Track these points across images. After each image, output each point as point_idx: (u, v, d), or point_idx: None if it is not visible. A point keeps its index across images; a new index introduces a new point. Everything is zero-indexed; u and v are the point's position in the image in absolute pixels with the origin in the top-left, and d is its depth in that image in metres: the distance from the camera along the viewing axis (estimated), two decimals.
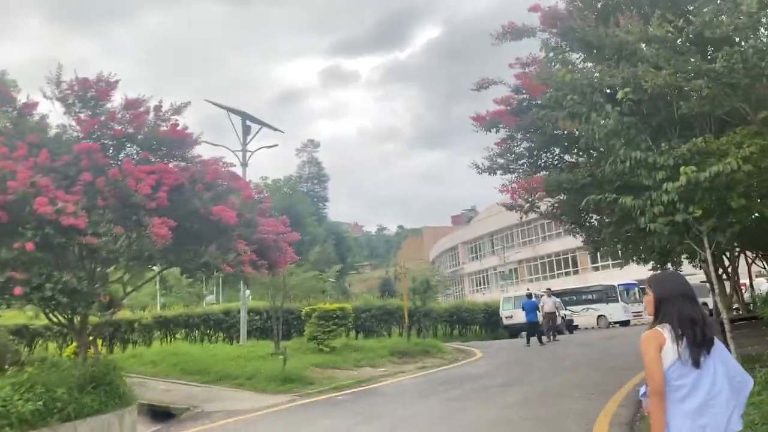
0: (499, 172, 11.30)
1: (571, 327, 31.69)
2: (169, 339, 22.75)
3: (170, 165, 10.48)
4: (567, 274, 57.04)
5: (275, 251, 11.51)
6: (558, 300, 22.79)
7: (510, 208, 12.91)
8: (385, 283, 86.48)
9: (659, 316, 2.90)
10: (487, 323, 31.05)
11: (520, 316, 29.27)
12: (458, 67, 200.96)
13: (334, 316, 17.50)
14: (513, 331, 30.26)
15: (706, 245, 6.66)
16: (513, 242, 63.85)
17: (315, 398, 12.44)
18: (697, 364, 2.79)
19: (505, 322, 30.10)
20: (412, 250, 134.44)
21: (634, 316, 38.33)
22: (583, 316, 35.74)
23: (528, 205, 11.14)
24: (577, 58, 7.23)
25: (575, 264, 57.42)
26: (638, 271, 45.77)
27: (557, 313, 22.94)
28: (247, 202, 11.29)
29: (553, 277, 57.99)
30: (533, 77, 8.51)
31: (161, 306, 32.83)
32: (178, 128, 10.56)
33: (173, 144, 10.75)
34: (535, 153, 9.82)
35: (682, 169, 6.17)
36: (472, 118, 10.79)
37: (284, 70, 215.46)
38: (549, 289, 22.59)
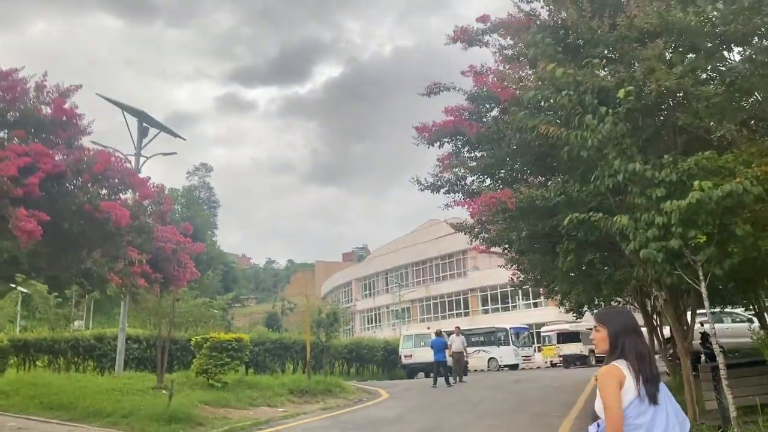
0: (443, 190, 10.24)
1: (465, 369, 31.15)
2: (28, 366, 19.62)
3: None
4: (458, 315, 57.22)
5: (173, 264, 9.73)
6: (464, 339, 22.00)
7: (460, 229, 11.84)
8: (271, 318, 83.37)
9: (615, 352, 2.81)
10: (385, 362, 29.77)
11: (420, 356, 28.44)
12: (358, 106, 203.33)
13: (229, 347, 15.54)
14: (411, 371, 29.22)
15: (701, 277, 5.87)
16: (407, 281, 63.57)
17: None
18: (654, 400, 2.73)
19: (404, 361, 28.97)
20: (302, 285, 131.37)
21: (524, 360, 38.83)
22: (474, 357, 35.44)
23: (479, 227, 10.16)
24: (560, 58, 6.39)
25: (466, 306, 57.86)
26: (529, 316, 46.44)
27: (465, 353, 22.08)
28: (142, 205, 9.42)
29: (444, 317, 58.03)
30: (506, 77, 7.57)
31: (21, 329, 28.84)
32: (65, 107, 8.64)
33: (56, 127, 8.80)
34: (491, 168, 8.84)
35: (696, 183, 5.33)
36: (416, 129, 9.69)
37: (179, 93, 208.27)
38: (458, 327, 21.80)
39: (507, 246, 10.61)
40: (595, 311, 4.15)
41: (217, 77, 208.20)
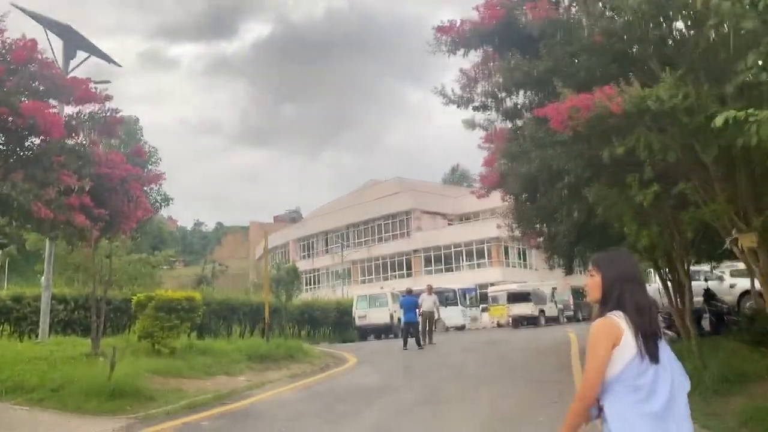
0: (473, 105, 8.38)
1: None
2: None
3: None
4: (400, 276, 56.10)
5: (123, 198, 7.44)
6: (437, 298, 20.44)
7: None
8: (200, 281, 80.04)
9: (609, 303, 2.46)
10: (337, 324, 28.02)
11: (374, 317, 26.91)
12: (289, 67, 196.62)
13: (179, 307, 13.30)
14: (365, 333, 27.68)
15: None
16: (348, 242, 61.81)
17: (162, 424, 8.50)
18: (656, 359, 2.37)
19: (358, 322, 27.34)
20: (233, 247, 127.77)
21: (472, 320, 38.10)
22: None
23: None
24: None
25: (409, 266, 56.80)
26: (473, 277, 45.69)
27: (436, 313, 20.57)
28: (81, 117, 7.06)
29: (386, 278, 56.89)
30: None
31: None
32: None
33: None
34: (552, 73, 6.94)
35: None
36: (437, 30, 7.71)
37: (101, 46, 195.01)
38: (430, 286, 20.17)
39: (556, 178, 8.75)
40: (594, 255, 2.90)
41: (141, 31, 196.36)
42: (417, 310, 18.24)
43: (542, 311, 35.81)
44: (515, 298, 36.02)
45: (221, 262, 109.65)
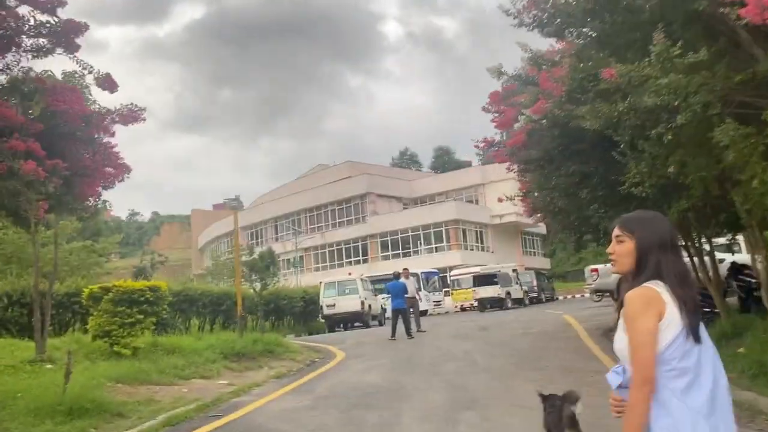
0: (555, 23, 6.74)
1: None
2: None
3: None
4: (356, 262, 54.36)
5: (85, 147, 5.48)
6: (416, 281, 18.79)
7: None
8: (138, 273, 76.13)
9: (645, 272, 2.08)
10: (303, 313, 26.08)
11: (344, 305, 25.16)
12: (223, 50, 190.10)
13: (141, 299, 11.20)
14: (333, 323, 25.87)
15: None
16: (300, 228, 59.49)
17: None
18: (698, 337, 2.02)
19: (326, 311, 25.46)
20: (172, 238, 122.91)
21: (435, 305, 36.92)
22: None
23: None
24: None
25: (365, 252, 55.11)
26: (432, 261, 44.53)
27: (418, 297, 18.96)
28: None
29: (341, 265, 55.09)
30: None
31: None
32: None
33: None
34: None
35: None
36: None
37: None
38: (406, 269, 18.50)
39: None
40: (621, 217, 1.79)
41: (65, 13, 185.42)
42: (405, 295, 16.59)
43: (508, 293, 34.94)
44: (481, 281, 35.04)
45: (160, 252, 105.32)
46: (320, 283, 27.14)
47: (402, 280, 17.15)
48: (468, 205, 53.72)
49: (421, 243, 51.83)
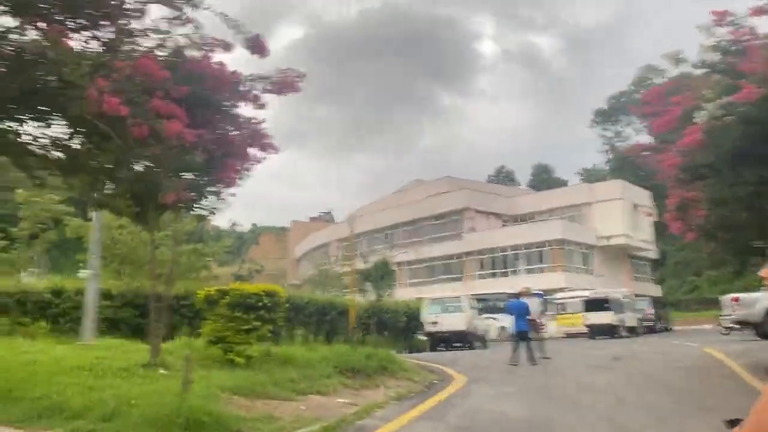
0: None
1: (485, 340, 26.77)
2: None
3: None
4: (450, 280, 52.86)
5: (229, 121, 4.71)
6: (541, 302, 17.28)
7: None
8: (237, 280, 77.79)
9: None
10: (405, 329, 24.97)
11: (447, 323, 23.86)
12: (321, 69, 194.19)
13: (259, 305, 10.46)
14: (435, 341, 24.60)
15: None
16: (395, 242, 58.71)
17: None
18: None
19: (428, 329, 24.26)
20: (269, 248, 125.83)
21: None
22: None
23: None
24: None
25: (460, 270, 53.50)
26: (532, 282, 42.40)
27: (540, 321, 17.40)
28: None
29: (435, 282, 53.71)
30: None
31: None
32: None
33: None
34: None
35: None
36: None
37: None
38: (527, 288, 17.01)
39: None
40: None
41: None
42: (528, 317, 15.11)
43: (621, 321, 32.38)
44: (592, 305, 32.68)
45: (257, 261, 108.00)
46: (423, 298, 25.96)
47: (524, 299, 15.67)
48: (573, 224, 50.97)
49: (520, 263, 49.63)
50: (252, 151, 6.47)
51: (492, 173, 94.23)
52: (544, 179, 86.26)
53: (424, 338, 25.05)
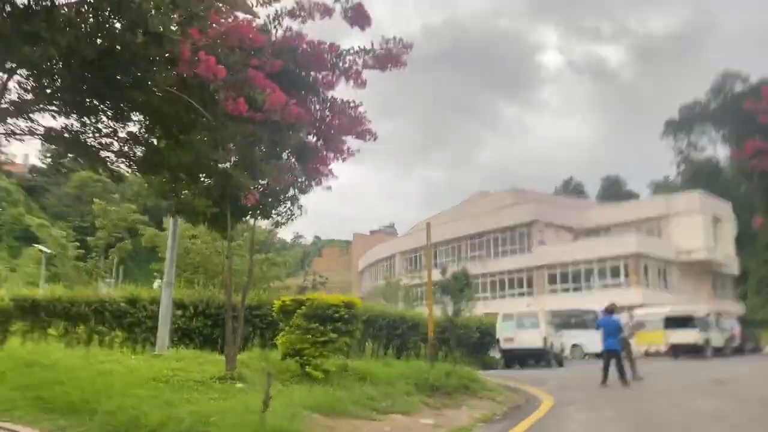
0: None
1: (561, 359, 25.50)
2: (36, 336, 14.46)
3: None
4: (521, 294, 51.37)
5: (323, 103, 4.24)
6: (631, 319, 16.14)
7: None
8: (301, 292, 78.29)
9: None
10: (478, 345, 24.03)
11: (524, 340, 22.85)
12: (384, 83, 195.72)
13: (336, 316, 9.95)
14: (510, 358, 23.60)
15: None
16: (460, 255, 57.65)
17: None
18: None
19: (503, 345, 23.30)
20: (332, 260, 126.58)
21: None
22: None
23: None
24: None
25: (530, 284, 51.92)
26: (607, 298, 40.46)
27: (630, 339, 16.25)
28: None
29: (503, 296, 52.33)
30: None
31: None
32: None
33: None
34: None
35: None
36: None
37: None
38: (614, 304, 15.91)
39: None
40: None
41: None
42: (620, 335, 14.05)
43: (707, 340, 30.35)
44: (675, 323, 30.79)
45: (321, 273, 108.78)
46: (496, 313, 24.98)
47: (615, 316, 14.60)
48: (650, 238, 48.65)
49: (594, 278, 47.69)
50: (348, 139, 5.94)
51: (559, 185, 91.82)
52: (614, 192, 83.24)
53: (498, 355, 24.07)
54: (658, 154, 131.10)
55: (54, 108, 5.35)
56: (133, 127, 5.76)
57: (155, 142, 5.92)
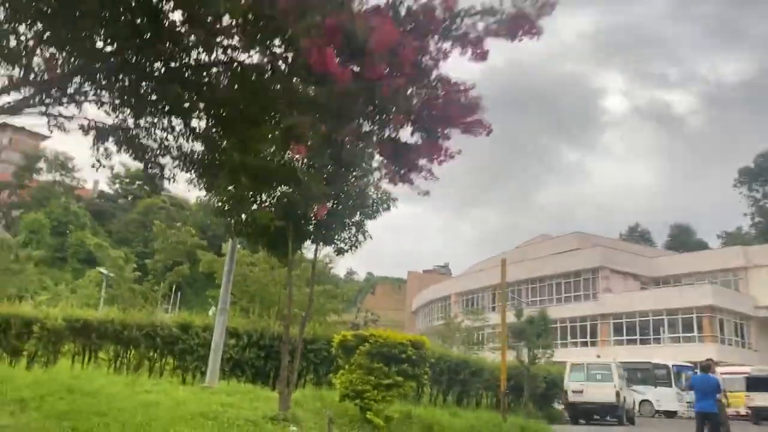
0: None
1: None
2: (87, 357, 14.02)
3: None
4: (583, 344, 48.81)
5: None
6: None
7: None
8: (353, 329, 77.15)
9: None
10: (542, 396, 22.35)
11: (592, 393, 21.09)
12: None
13: (402, 357, 8.92)
14: (578, 412, 21.82)
15: None
16: (518, 299, 55.51)
17: None
18: None
19: (572, 398, 21.56)
20: (386, 297, 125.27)
21: (688, 406, 30.53)
22: None
23: None
24: None
25: (594, 334, 49.32)
26: (679, 352, 37.65)
27: (725, 400, 14.54)
28: None
29: (564, 345, 49.72)
30: None
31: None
32: None
33: None
34: None
35: None
36: None
37: None
38: (711, 360, 14.29)
39: None
40: None
41: None
42: (718, 395, 12.47)
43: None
44: (758, 384, 28.18)
45: (373, 311, 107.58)
46: (566, 363, 23.29)
47: (713, 375, 13.02)
48: (727, 290, 45.58)
49: (664, 330, 44.85)
50: (453, 130, 4.93)
51: (624, 232, 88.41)
52: (683, 241, 79.55)
53: (563, 408, 22.34)
54: (729, 204, 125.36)
55: (106, 100, 4.77)
56: (192, 123, 5.13)
57: (217, 140, 5.23)
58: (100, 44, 4.47)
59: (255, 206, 6.64)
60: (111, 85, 4.80)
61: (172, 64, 4.51)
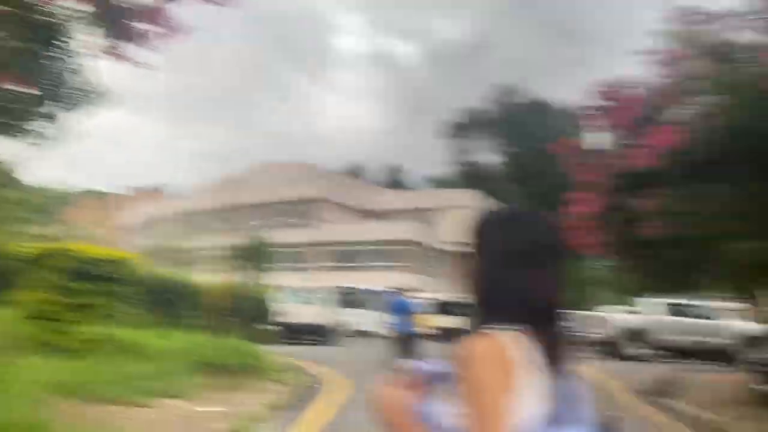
0: None
1: None
2: None
3: None
4: (302, 269, 50.79)
5: None
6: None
7: None
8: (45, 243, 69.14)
9: (491, 306, 1.20)
10: (257, 317, 22.47)
11: (305, 315, 22.18)
12: None
13: (101, 274, 7.87)
14: (289, 334, 22.55)
15: None
16: (235, 225, 55.25)
17: None
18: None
19: (283, 319, 22.12)
20: (95, 212, 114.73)
21: (385, 327, 34.10)
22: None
23: None
24: None
25: (311, 260, 51.57)
26: (379, 279, 41.73)
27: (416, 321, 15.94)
28: None
29: (284, 270, 51.37)
30: None
31: None
32: None
33: None
34: None
35: None
36: None
37: None
38: (407, 287, 15.50)
39: None
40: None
41: None
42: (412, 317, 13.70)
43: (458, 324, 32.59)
44: (445, 308, 32.49)
45: (78, 226, 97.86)
46: (281, 286, 23.75)
47: (409, 299, 14.27)
48: (425, 227, 51.45)
49: (373, 259, 49.01)
50: None
51: (347, 167, 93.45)
52: (397, 180, 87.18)
53: (273, 328, 22.93)
54: (440, 151, 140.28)
55: None
56: None
57: None
58: None
59: None
60: None
61: None
